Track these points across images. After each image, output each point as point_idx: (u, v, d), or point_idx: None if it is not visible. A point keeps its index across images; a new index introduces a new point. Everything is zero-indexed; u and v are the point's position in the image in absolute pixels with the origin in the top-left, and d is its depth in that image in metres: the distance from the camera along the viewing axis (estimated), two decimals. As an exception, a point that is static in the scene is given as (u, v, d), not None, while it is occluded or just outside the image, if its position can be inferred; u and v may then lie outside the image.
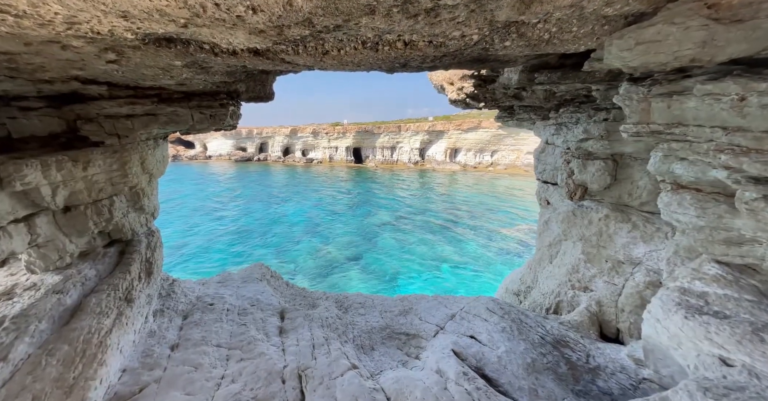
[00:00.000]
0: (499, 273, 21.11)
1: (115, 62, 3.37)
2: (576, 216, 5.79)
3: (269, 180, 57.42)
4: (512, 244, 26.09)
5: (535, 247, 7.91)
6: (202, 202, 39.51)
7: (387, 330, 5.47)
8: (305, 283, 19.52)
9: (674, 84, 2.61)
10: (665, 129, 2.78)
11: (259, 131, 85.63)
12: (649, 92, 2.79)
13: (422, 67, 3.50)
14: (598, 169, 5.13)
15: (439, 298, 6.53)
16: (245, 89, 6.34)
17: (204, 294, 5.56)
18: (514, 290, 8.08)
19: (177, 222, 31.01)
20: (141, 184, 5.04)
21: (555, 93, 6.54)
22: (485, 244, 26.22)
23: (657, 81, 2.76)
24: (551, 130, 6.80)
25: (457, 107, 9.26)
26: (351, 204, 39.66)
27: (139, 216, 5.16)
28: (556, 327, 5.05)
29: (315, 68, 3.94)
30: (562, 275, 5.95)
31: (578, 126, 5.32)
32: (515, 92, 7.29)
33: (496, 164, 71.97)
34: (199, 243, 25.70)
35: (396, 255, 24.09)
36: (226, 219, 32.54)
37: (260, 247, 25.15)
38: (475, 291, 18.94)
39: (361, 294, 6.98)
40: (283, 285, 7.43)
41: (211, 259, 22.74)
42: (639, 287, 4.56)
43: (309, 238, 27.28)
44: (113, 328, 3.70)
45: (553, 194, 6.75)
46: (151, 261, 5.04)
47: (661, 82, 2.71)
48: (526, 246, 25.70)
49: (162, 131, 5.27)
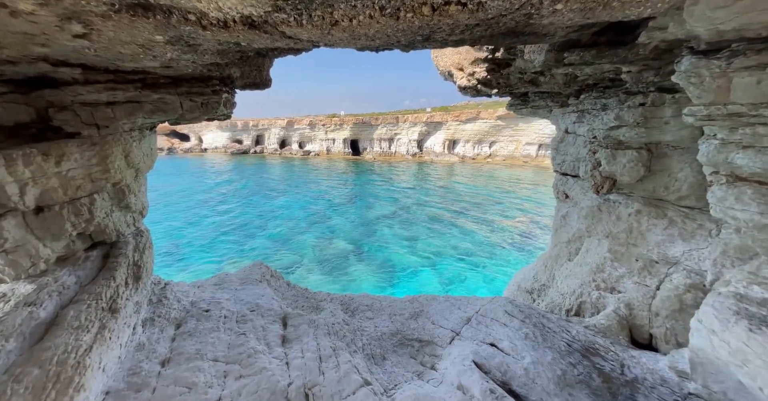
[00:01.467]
0: (502, 264, 20.84)
1: (85, 37, 2.83)
2: (602, 212, 5.35)
3: (266, 173, 56.70)
4: (514, 236, 25.81)
5: (550, 243, 7.50)
6: (200, 196, 38.88)
7: (398, 336, 5.06)
8: (306, 277, 19.17)
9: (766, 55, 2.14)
10: (750, 110, 2.31)
11: (255, 123, 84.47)
12: (729, 66, 2.32)
13: (447, 41, 3.00)
14: (629, 159, 4.67)
15: (451, 299, 6.13)
16: (240, 75, 5.79)
17: (199, 298, 5.11)
18: (527, 288, 7.69)
19: (174, 217, 30.45)
20: (126, 179, 4.53)
21: (577, 77, 6.03)
22: (486, 236, 25.93)
23: (738, 52, 2.28)
24: (572, 117, 6.31)
25: (466, 95, 8.71)
26: (350, 197, 39.18)
27: (125, 216, 4.66)
28: (582, 332, 4.66)
29: (321, 44, 3.42)
30: (585, 274, 5.54)
31: (608, 112, 4.83)
32: (532, 77, 6.77)
33: (494, 155, 71.54)
34: (197, 238, 25.21)
35: (396, 248, 23.75)
36: (224, 213, 32.01)
37: (259, 241, 24.72)
38: (479, 283, 18.66)
39: (368, 295, 6.57)
40: (284, 285, 7.01)
41: (209, 254, 22.30)
42: (678, 290, 4.15)
43: (308, 232, 26.86)
44: (94, 344, 3.25)
45: (574, 187, 6.30)
46: (139, 265, 4.57)
47: (745, 52, 2.23)
48: (528, 237, 25.44)
49: (148, 121, 4.74)
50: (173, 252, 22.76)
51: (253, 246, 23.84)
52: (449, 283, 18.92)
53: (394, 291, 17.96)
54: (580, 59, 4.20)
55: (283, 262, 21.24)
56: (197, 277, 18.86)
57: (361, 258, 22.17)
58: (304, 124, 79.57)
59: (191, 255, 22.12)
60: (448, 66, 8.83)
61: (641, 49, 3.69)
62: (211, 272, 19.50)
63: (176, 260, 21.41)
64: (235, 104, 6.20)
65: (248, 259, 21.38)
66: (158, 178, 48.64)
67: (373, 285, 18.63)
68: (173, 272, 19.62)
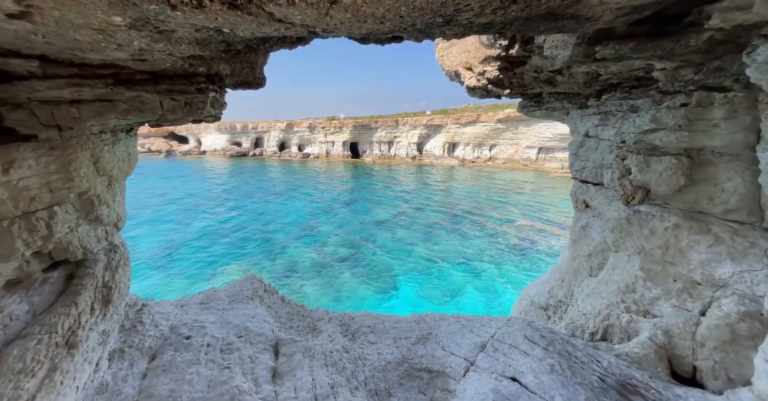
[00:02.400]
0: (504, 270, 20.26)
1: (24, 17, 2.29)
2: (631, 225, 4.80)
3: (265, 176, 56.17)
4: (516, 241, 25.28)
5: (566, 254, 6.94)
6: (196, 199, 38.28)
7: (404, 366, 4.48)
8: (303, 284, 18.55)
9: None
10: None
11: (254, 126, 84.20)
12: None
13: (472, 25, 2.47)
14: (667, 167, 4.13)
15: (461, 320, 5.56)
16: (230, 72, 5.25)
17: (181, 322, 4.53)
18: (541, 304, 7.12)
19: (168, 220, 29.83)
20: (95, 188, 3.97)
21: (599, 76, 5.50)
22: (488, 241, 25.40)
23: None
24: (594, 120, 5.78)
25: (474, 96, 8.18)
26: (349, 201, 38.64)
27: (95, 230, 4.09)
28: (615, 363, 4.09)
29: (318, 30, 2.88)
30: (612, 294, 4.98)
31: (641, 114, 4.30)
32: (549, 76, 6.24)
33: (494, 158, 71.40)
34: (191, 243, 24.59)
35: (396, 254, 23.17)
36: (221, 217, 31.40)
37: (255, 246, 24.11)
38: (481, 289, 18.06)
39: (369, 313, 5.99)
40: (278, 301, 6.43)
41: (204, 259, 21.67)
42: (730, 318, 3.59)
43: (307, 236, 26.26)
44: (38, 393, 2.67)
45: (596, 196, 5.76)
46: (110, 286, 3.99)
47: None
48: (530, 241, 24.92)
49: (123, 122, 4.19)
50: (166, 256, 22.13)
51: (249, 251, 23.22)
52: (450, 290, 18.34)
53: (394, 300, 17.35)
54: (614, 53, 3.67)
55: (280, 268, 20.64)
56: (190, 284, 18.22)
57: (360, 264, 21.57)
58: (304, 126, 79.22)
59: (185, 260, 21.49)
60: (455, 65, 8.31)
61: (693, 40, 3.16)
62: (205, 277, 18.87)
63: (169, 264, 20.78)
64: (225, 105, 5.66)
65: (243, 264, 20.76)
66: (155, 181, 48.03)
67: (372, 293, 18.03)
68: (165, 279, 18.99)
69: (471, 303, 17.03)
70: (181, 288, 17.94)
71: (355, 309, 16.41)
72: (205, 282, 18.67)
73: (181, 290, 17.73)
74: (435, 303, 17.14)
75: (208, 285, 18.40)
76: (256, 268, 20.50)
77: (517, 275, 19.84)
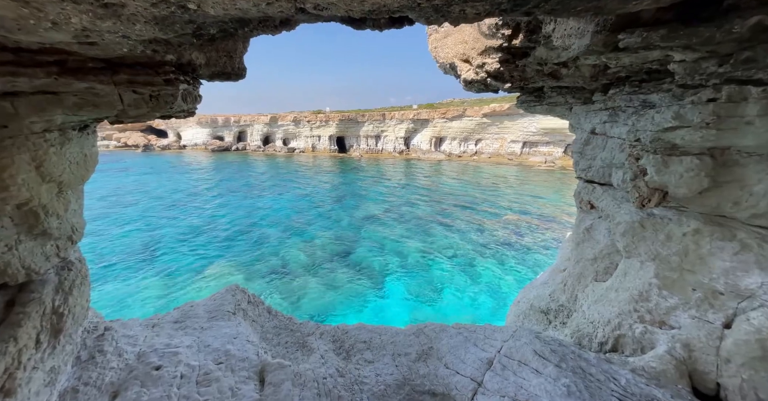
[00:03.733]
0: (495, 266, 20.20)
1: None
2: (645, 229, 4.49)
3: (248, 171, 54.67)
4: (505, 235, 25.39)
5: (570, 257, 6.66)
6: (177, 195, 36.83)
7: (406, 389, 4.07)
8: (291, 282, 17.98)
9: None
10: None
11: (237, 119, 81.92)
12: None
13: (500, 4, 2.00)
14: (688, 168, 3.80)
15: (463, 331, 5.19)
16: (205, 61, 4.63)
17: (150, 348, 3.97)
18: (541, 307, 6.85)
19: (148, 219, 28.52)
20: (39, 197, 3.34)
21: (608, 69, 5.15)
22: (476, 235, 25.40)
23: None
24: (601, 116, 5.44)
25: (471, 90, 7.75)
26: (336, 197, 37.98)
27: (43, 246, 3.47)
28: (633, 381, 3.79)
29: (307, 5, 2.35)
30: (623, 302, 4.69)
31: (661, 110, 3.95)
32: (553, 69, 5.86)
33: (480, 153, 71.92)
34: (172, 242, 23.54)
35: (385, 250, 22.85)
36: (203, 215, 30.27)
37: (241, 244, 23.29)
38: (471, 284, 17.91)
39: (364, 326, 5.55)
40: (264, 313, 5.91)
41: (186, 260, 20.75)
42: (761, 333, 3.31)
43: (293, 234, 25.57)
44: (-43, 466, 2.12)
45: (603, 197, 5.44)
46: (61, 312, 3.40)
47: None
48: (518, 235, 25.07)
49: (74, 118, 3.55)
50: (147, 258, 21.10)
51: (234, 250, 22.41)
52: (440, 286, 18.15)
53: (384, 298, 17.01)
54: (641, 42, 3.27)
55: (267, 267, 19.98)
56: (169, 286, 17.34)
57: (350, 261, 21.14)
58: (289, 120, 77.49)
59: (166, 262, 20.52)
60: (451, 57, 7.83)
61: (737, 26, 2.79)
62: (189, 281, 18.03)
63: (149, 266, 19.80)
64: (199, 98, 5.03)
65: (227, 263, 19.97)
66: (133, 177, 46.01)
67: (362, 290, 17.65)
68: (144, 280, 18.05)
69: (461, 301, 16.87)
70: (159, 291, 17.08)
71: (345, 308, 16.03)
72: (186, 283, 17.86)
73: (159, 293, 16.87)
74: (425, 301, 16.91)
75: (190, 285, 17.60)
76: (241, 267, 19.77)
77: (507, 270, 19.82)
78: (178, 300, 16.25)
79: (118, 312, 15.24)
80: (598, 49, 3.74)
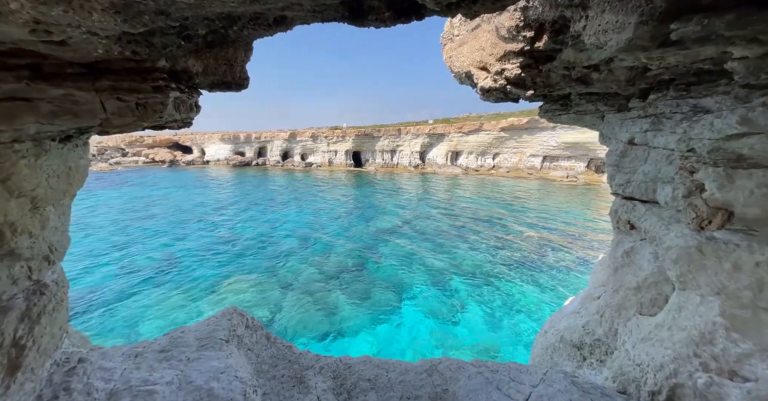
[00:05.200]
0: (515, 286, 19.04)
1: None
2: (705, 256, 3.75)
3: (268, 185, 55.57)
4: (525, 253, 24.14)
5: (606, 284, 5.87)
6: (197, 210, 37.53)
7: (416, 445, 3.41)
8: (301, 299, 17.44)
9: None
10: None
11: (257, 135, 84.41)
12: None
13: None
14: (760, 183, 3.11)
15: (483, 370, 4.48)
16: (202, 69, 4.36)
17: (125, 384, 3.51)
18: (574, 341, 6.02)
19: (165, 232, 28.97)
20: (5, 214, 3.01)
21: (646, 71, 4.55)
22: (495, 252, 24.29)
23: None
24: (641, 124, 4.79)
25: (488, 99, 7.23)
26: (351, 211, 37.72)
27: (9, 268, 3.12)
28: (703, 449, 2.99)
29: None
30: (680, 344, 3.90)
31: (723, 115, 3.31)
32: (582, 73, 5.27)
33: (498, 167, 70.82)
34: (187, 256, 23.64)
35: (401, 266, 22.08)
36: (221, 228, 30.52)
37: (253, 258, 23.11)
38: (491, 307, 16.82)
39: (370, 359, 4.93)
40: (262, 340, 5.40)
41: (199, 274, 20.67)
42: None
43: (306, 247, 25.25)
44: None
45: (647, 216, 4.73)
46: (23, 345, 3.00)
47: None
48: (540, 254, 23.78)
49: (51, 128, 3.26)
50: (164, 269, 21.17)
51: (247, 264, 22.23)
52: (458, 306, 17.17)
53: (398, 318, 16.17)
54: (701, 31, 2.69)
55: (277, 281, 19.59)
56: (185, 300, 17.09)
57: (362, 277, 20.49)
58: (307, 136, 79.09)
59: (178, 275, 20.50)
60: (467, 66, 7.39)
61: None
62: (202, 292, 17.82)
63: (166, 278, 19.79)
64: (195, 108, 4.75)
65: (243, 277, 19.71)
66: (156, 190, 47.49)
67: (376, 308, 16.90)
68: (160, 295, 17.97)
69: (479, 321, 15.82)
70: (176, 305, 16.90)
71: (357, 327, 15.28)
72: (202, 298, 17.65)
73: (175, 307, 16.69)
74: (442, 321, 15.97)
75: (205, 300, 17.37)
76: (257, 280, 19.46)
77: (528, 290, 18.64)
78: (193, 313, 16.00)
79: (131, 328, 15.10)
80: (643, 43, 3.17)
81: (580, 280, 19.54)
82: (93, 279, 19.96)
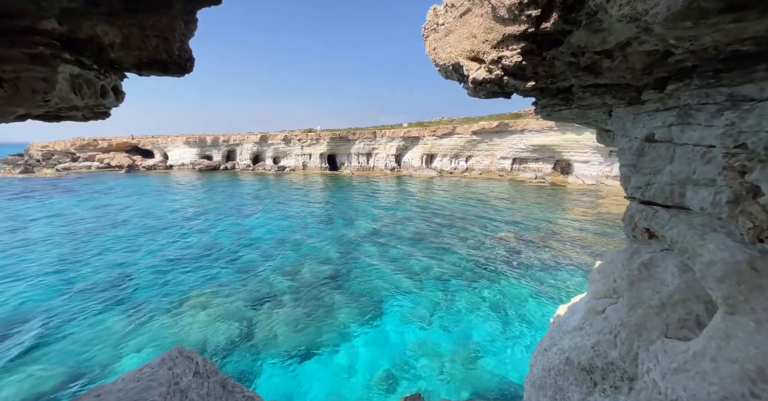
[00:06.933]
0: (493, 282, 18.66)
1: None
2: (759, 274, 3.09)
3: (237, 190, 52.87)
4: (501, 252, 24.04)
5: (616, 297, 5.22)
6: (156, 220, 34.72)
7: None
8: (275, 312, 16.04)
9: None
10: None
11: (226, 138, 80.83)
12: None
13: None
14: (841, 186, 2.45)
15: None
16: (121, 41, 3.26)
17: None
18: (582, 364, 5.31)
19: (119, 245, 26.35)
20: None
21: (668, 56, 3.92)
22: (472, 253, 23.97)
23: None
24: (663, 118, 4.16)
25: (480, 93, 6.41)
26: (327, 216, 36.37)
27: None
28: None
29: None
30: (730, 379, 3.21)
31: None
32: (593, 60, 4.55)
33: (471, 169, 71.89)
34: (145, 270, 21.44)
35: (379, 272, 21.17)
36: (184, 238, 28.22)
37: (221, 270, 21.32)
38: (471, 305, 16.22)
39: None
40: (216, 389, 4.27)
41: (160, 289, 18.67)
42: None
43: (279, 256, 23.73)
44: None
45: (672, 224, 4.08)
46: None
47: None
48: (516, 252, 23.78)
49: None
50: (117, 285, 18.97)
51: (217, 275, 20.44)
52: (437, 310, 16.49)
53: (378, 324, 15.19)
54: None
55: (249, 295, 18.03)
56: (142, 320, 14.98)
57: (342, 284, 19.37)
58: (279, 139, 76.58)
59: (136, 293, 18.42)
60: (454, 57, 6.54)
61: None
62: (162, 310, 15.93)
63: (116, 300, 17.67)
64: (113, 93, 3.60)
65: (209, 291, 17.95)
66: (113, 199, 43.74)
67: (355, 316, 15.85)
68: (108, 316, 15.92)
69: (460, 325, 15.16)
70: (122, 332, 14.97)
71: (335, 340, 14.12)
72: (162, 316, 15.80)
73: (122, 335, 14.76)
74: (421, 327, 15.20)
75: (164, 319, 15.54)
76: (223, 294, 17.78)
77: (508, 290, 18.33)
78: (157, 337, 14.19)
79: (84, 356, 13.12)
80: (704, 8, 2.46)
81: (555, 278, 19.63)
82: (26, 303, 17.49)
